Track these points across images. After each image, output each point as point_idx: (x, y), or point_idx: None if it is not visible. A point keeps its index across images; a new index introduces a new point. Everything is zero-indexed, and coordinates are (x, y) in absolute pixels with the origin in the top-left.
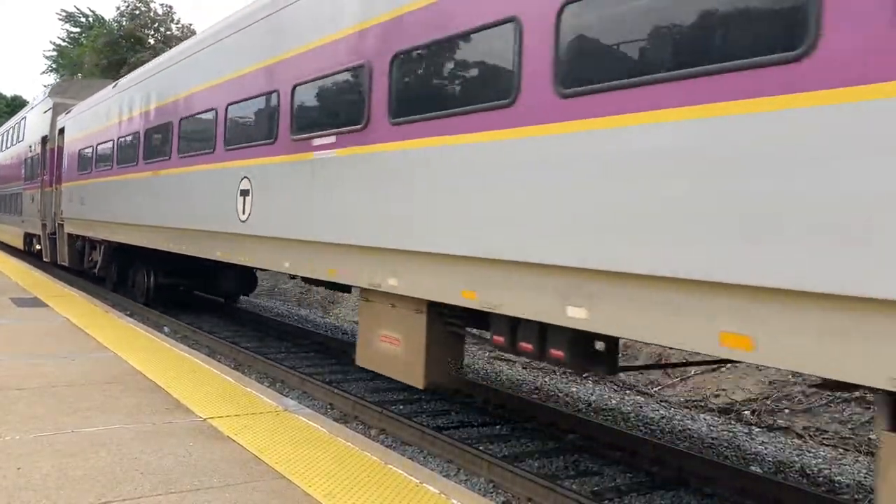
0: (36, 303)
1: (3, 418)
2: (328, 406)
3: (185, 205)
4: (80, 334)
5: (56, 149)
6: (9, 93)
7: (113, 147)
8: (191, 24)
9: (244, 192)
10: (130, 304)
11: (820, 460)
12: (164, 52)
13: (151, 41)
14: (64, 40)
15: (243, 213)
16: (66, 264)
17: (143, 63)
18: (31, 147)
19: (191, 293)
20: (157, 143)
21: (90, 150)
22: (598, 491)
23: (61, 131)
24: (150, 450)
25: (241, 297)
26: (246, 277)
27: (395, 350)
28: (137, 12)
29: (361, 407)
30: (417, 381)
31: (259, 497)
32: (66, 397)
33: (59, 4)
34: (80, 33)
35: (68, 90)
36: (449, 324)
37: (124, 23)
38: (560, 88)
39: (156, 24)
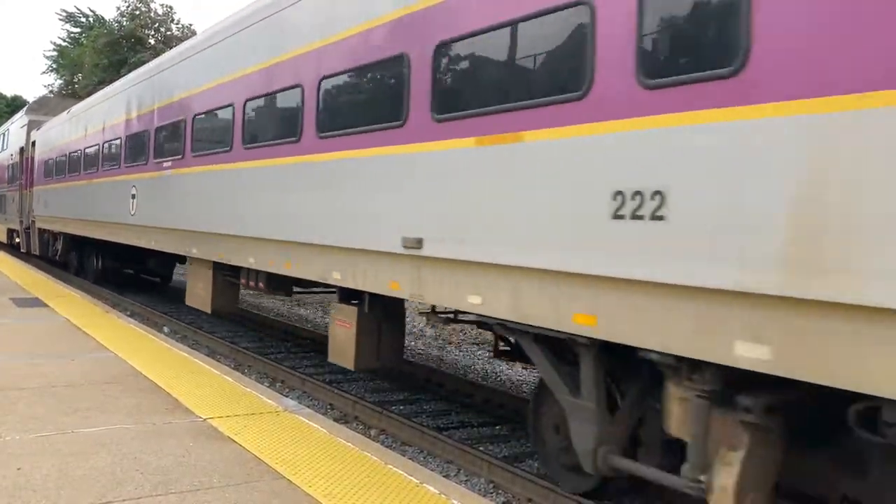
0: (36, 303)
1: (3, 418)
2: (328, 406)
3: (105, 204)
4: (80, 334)
5: (30, 158)
6: (9, 93)
7: (66, 160)
8: (191, 25)
9: (133, 196)
10: (130, 305)
11: None
12: (164, 52)
13: (152, 41)
14: (64, 40)
15: (132, 209)
16: (37, 253)
17: (143, 63)
18: (11, 156)
19: (139, 275)
20: (91, 158)
21: (52, 161)
22: (597, 490)
23: (33, 144)
24: (150, 450)
25: (243, 299)
26: (167, 262)
27: (201, 293)
28: (137, 12)
29: (361, 407)
30: (207, 309)
31: (259, 497)
32: (67, 397)
33: (59, 4)
34: (80, 33)
35: (43, 107)
36: (225, 276)
37: (124, 23)
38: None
39: (156, 25)
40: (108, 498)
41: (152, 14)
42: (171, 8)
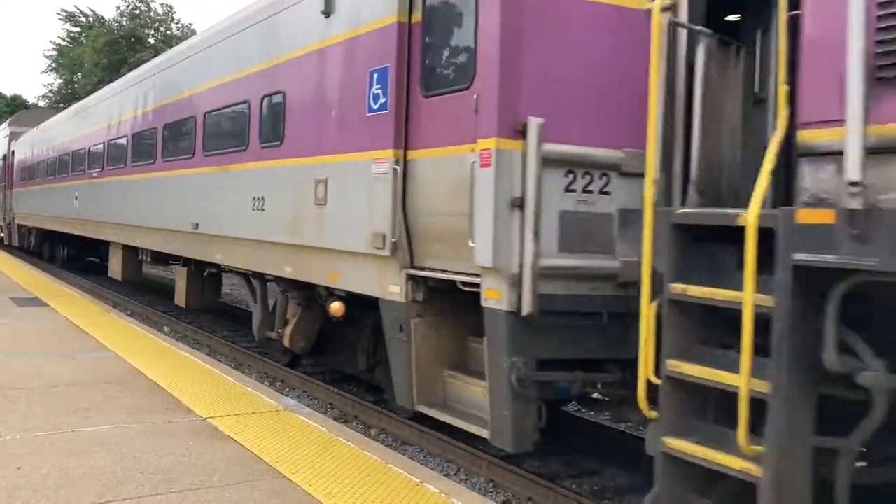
0: (36, 302)
1: (3, 418)
2: (328, 406)
3: (59, 204)
4: (81, 334)
5: (11, 165)
6: (9, 92)
7: (35, 167)
8: (191, 24)
9: (76, 198)
10: (130, 304)
11: None
12: (163, 51)
13: (151, 41)
14: (64, 40)
15: (76, 207)
16: (17, 245)
17: (143, 62)
18: None
19: (103, 263)
20: (48, 168)
21: (25, 168)
22: (597, 490)
23: (13, 152)
24: (150, 449)
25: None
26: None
27: (115, 267)
28: (137, 12)
29: (361, 407)
30: (119, 278)
31: (259, 496)
32: (67, 397)
33: (59, 4)
34: (80, 33)
35: (23, 119)
36: (132, 254)
37: (124, 22)
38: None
39: (156, 24)
40: (107, 497)
41: (152, 14)
42: (170, 7)
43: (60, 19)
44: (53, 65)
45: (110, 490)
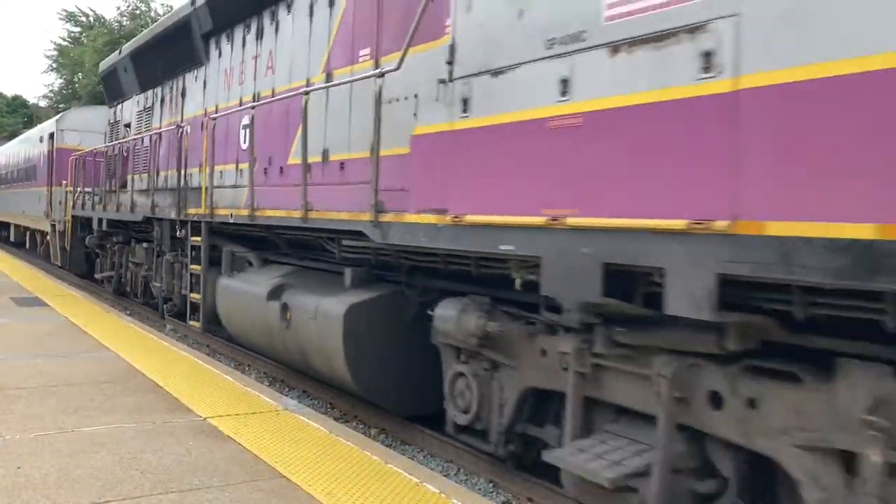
0: (36, 302)
1: (2, 417)
2: (328, 406)
3: None
4: (81, 334)
5: None
6: (9, 92)
7: None
8: None
9: None
10: (131, 304)
11: None
12: None
13: None
14: (64, 40)
15: None
16: None
17: None
18: None
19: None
20: None
21: None
22: None
23: None
24: (150, 449)
25: None
26: (24, 232)
27: (12, 235)
28: (138, 12)
29: (361, 407)
30: (12, 240)
31: (259, 496)
32: (67, 397)
33: (59, 4)
34: (80, 33)
35: None
36: (19, 228)
37: (125, 22)
38: None
39: None
40: (107, 497)
41: (153, 13)
42: (170, 8)
43: (61, 19)
44: (54, 65)
45: (110, 490)
